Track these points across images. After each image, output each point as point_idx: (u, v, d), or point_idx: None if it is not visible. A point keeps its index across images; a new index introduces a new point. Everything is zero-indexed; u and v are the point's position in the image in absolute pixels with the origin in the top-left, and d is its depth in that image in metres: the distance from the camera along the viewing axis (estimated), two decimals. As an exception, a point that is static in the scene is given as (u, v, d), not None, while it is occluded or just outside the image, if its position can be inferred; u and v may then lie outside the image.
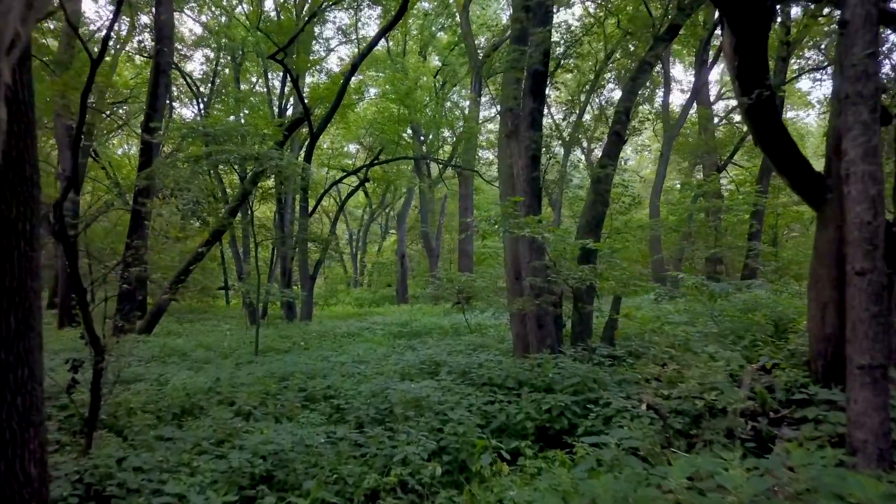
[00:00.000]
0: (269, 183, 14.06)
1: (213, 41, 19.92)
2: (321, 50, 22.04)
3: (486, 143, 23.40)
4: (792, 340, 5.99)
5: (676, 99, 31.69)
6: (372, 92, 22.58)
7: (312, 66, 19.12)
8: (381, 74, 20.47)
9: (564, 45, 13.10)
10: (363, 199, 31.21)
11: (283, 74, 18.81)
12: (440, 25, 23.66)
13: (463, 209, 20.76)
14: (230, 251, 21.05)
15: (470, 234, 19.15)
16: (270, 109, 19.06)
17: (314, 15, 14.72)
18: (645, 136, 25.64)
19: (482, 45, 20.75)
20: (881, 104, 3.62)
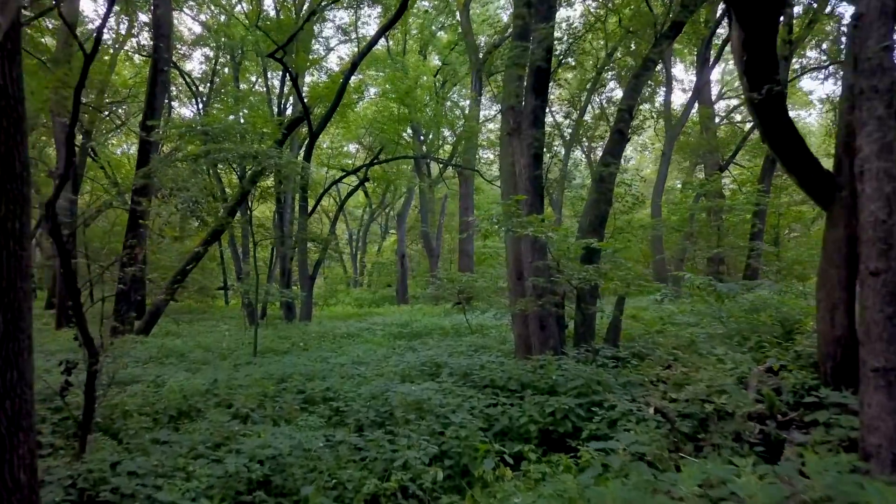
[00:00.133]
0: (268, 182, 13.96)
1: (212, 40, 19.83)
2: (321, 49, 21.97)
3: (486, 142, 23.30)
4: (798, 342, 5.89)
5: (677, 99, 31.59)
6: (372, 91, 22.50)
7: (312, 65, 19.02)
8: (381, 74, 20.37)
9: (568, 41, 13.00)
10: (363, 198, 31.11)
11: (282, 73, 18.71)
12: (440, 24, 23.57)
13: (463, 209, 20.67)
14: (229, 251, 20.97)
15: (470, 233, 19.06)
16: (270, 109, 18.96)
17: (313, 13, 14.63)
18: (645, 135, 25.56)
19: (483, 43, 20.66)
20: None
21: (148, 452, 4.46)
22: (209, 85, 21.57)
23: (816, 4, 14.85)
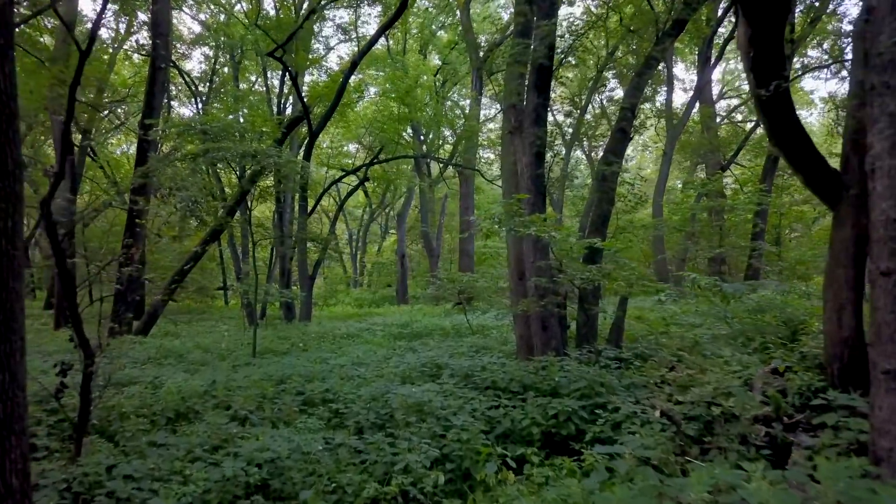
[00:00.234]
0: (267, 182, 13.90)
1: (211, 39, 19.75)
2: (321, 48, 21.90)
3: (486, 141, 23.23)
4: (804, 343, 5.82)
5: (677, 98, 31.51)
6: (372, 91, 22.41)
7: (312, 64, 18.94)
8: (380, 73, 20.29)
9: (570, 38, 12.92)
10: (363, 198, 31.03)
11: (281, 72, 18.64)
12: (440, 24, 23.49)
13: (464, 209, 20.59)
14: (229, 251, 20.89)
15: (471, 233, 18.98)
16: (269, 108, 18.88)
17: (313, 11, 14.55)
18: (647, 135, 25.49)
19: (483, 42, 20.57)
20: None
21: (144, 455, 4.40)
22: (208, 84, 21.49)
23: (819, 3, 14.79)
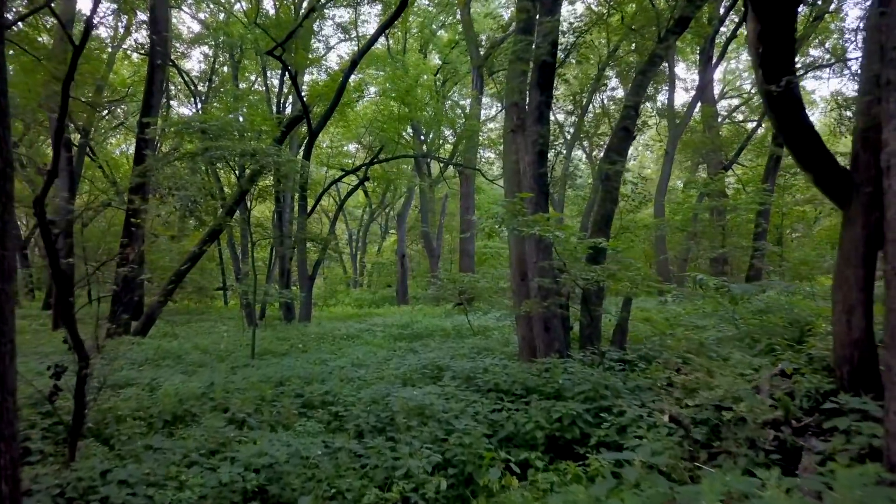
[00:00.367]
0: (267, 181, 13.81)
1: (210, 38, 19.66)
2: (321, 48, 21.81)
3: (487, 141, 23.14)
4: (811, 344, 5.72)
5: (678, 98, 31.42)
6: (372, 90, 22.32)
7: (312, 63, 18.85)
8: (381, 73, 20.19)
9: (574, 34, 12.83)
10: (363, 198, 30.93)
11: (281, 72, 18.55)
12: (441, 23, 23.39)
13: (464, 208, 20.48)
14: (228, 251, 20.80)
15: (471, 233, 18.88)
16: (269, 108, 18.80)
17: (312, 10, 14.46)
18: (647, 134, 25.41)
19: (484, 40, 20.48)
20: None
21: (140, 459, 4.31)
22: (208, 84, 21.40)
23: (821, 2, 14.71)
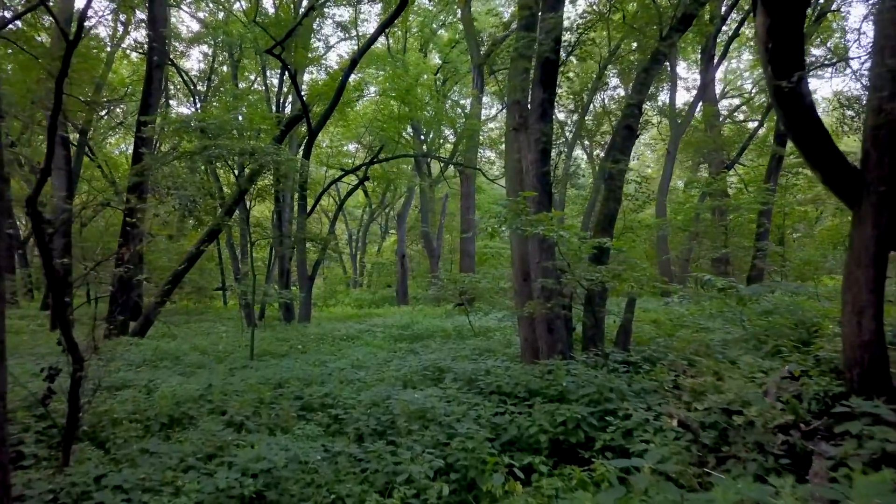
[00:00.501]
0: (266, 181, 13.71)
1: (209, 37, 19.57)
2: (321, 47, 21.71)
3: (487, 140, 23.03)
4: (818, 346, 5.63)
5: (679, 97, 31.41)
6: (372, 90, 22.22)
7: (311, 62, 18.76)
8: (381, 72, 20.10)
9: (577, 31, 12.72)
10: (363, 198, 30.83)
11: (280, 71, 18.46)
12: (441, 22, 23.30)
13: (465, 208, 20.37)
14: (227, 251, 20.70)
15: (472, 233, 18.78)
16: (269, 107, 18.70)
17: (312, 8, 14.37)
18: (648, 134, 25.32)
19: (485, 39, 20.37)
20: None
21: (136, 464, 4.23)
22: (207, 83, 21.30)
23: (823, 1, 14.62)
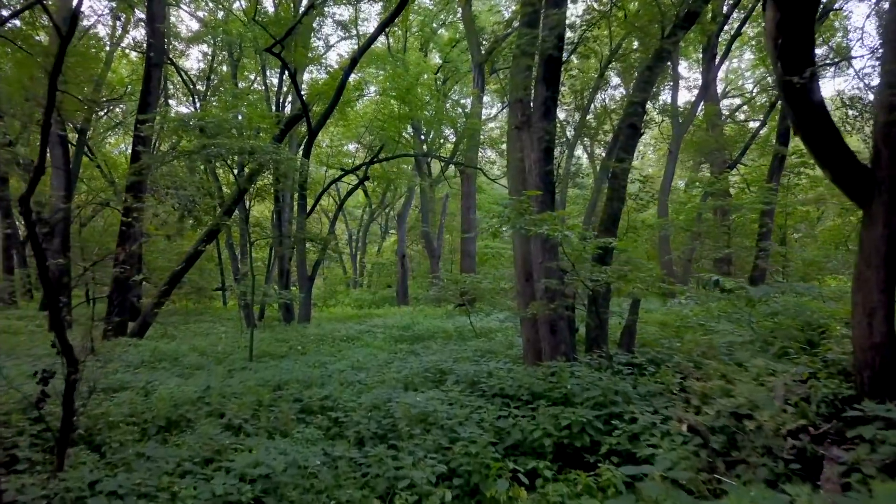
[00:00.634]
0: (266, 180, 13.63)
1: (209, 36, 19.49)
2: (321, 46, 21.63)
3: (488, 140, 22.93)
4: (826, 348, 5.54)
5: (681, 97, 31.29)
6: (372, 89, 22.13)
7: (311, 62, 18.68)
8: (381, 72, 20.01)
9: (581, 27, 12.64)
10: (363, 198, 30.73)
11: (280, 70, 18.37)
12: (441, 21, 23.21)
13: (465, 208, 20.27)
14: (227, 251, 20.61)
15: (473, 233, 18.68)
16: (268, 107, 18.61)
17: (311, 6, 14.28)
18: (650, 134, 25.23)
19: (485, 38, 20.29)
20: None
21: (132, 468, 4.14)
22: (206, 83, 21.22)
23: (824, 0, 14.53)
